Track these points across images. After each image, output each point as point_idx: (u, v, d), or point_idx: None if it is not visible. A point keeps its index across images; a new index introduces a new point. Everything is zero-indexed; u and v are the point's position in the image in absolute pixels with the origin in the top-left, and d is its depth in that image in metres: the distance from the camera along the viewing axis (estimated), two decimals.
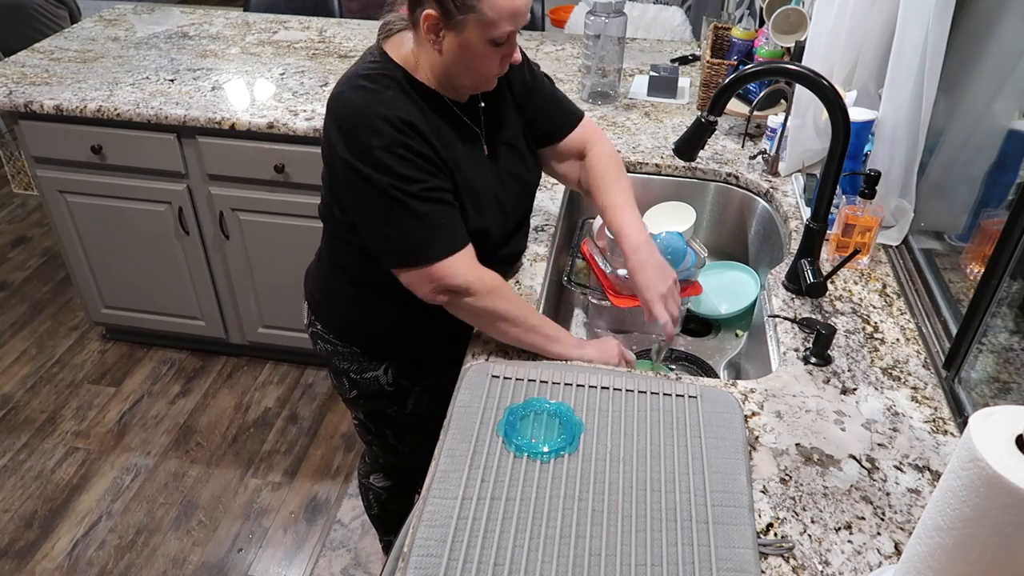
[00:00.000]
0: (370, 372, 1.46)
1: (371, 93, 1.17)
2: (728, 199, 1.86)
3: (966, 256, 1.36)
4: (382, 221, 1.19)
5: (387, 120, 1.15)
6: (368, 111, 1.16)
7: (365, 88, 1.18)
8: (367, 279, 1.35)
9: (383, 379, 1.46)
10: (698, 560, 0.95)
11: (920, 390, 1.24)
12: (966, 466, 0.69)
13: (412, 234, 1.19)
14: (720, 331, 1.67)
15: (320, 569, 2.07)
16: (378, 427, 1.58)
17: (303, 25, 2.73)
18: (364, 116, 1.16)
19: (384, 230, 1.20)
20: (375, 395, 1.49)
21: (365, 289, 1.37)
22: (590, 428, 1.13)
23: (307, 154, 2.12)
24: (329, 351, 1.47)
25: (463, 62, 1.17)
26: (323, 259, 1.44)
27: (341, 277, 1.40)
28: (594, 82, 2.16)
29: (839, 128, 1.28)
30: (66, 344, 2.80)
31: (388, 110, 1.16)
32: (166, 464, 2.36)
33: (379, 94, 1.17)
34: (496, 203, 1.32)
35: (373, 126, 1.15)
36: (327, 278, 1.43)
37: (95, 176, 2.29)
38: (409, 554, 0.96)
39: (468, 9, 1.10)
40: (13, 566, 2.07)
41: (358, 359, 1.45)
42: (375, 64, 1.22)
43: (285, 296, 2.42)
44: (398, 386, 1.47)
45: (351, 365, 1.46)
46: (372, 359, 1.45)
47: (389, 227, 1.19)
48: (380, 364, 1.45)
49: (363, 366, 1.45)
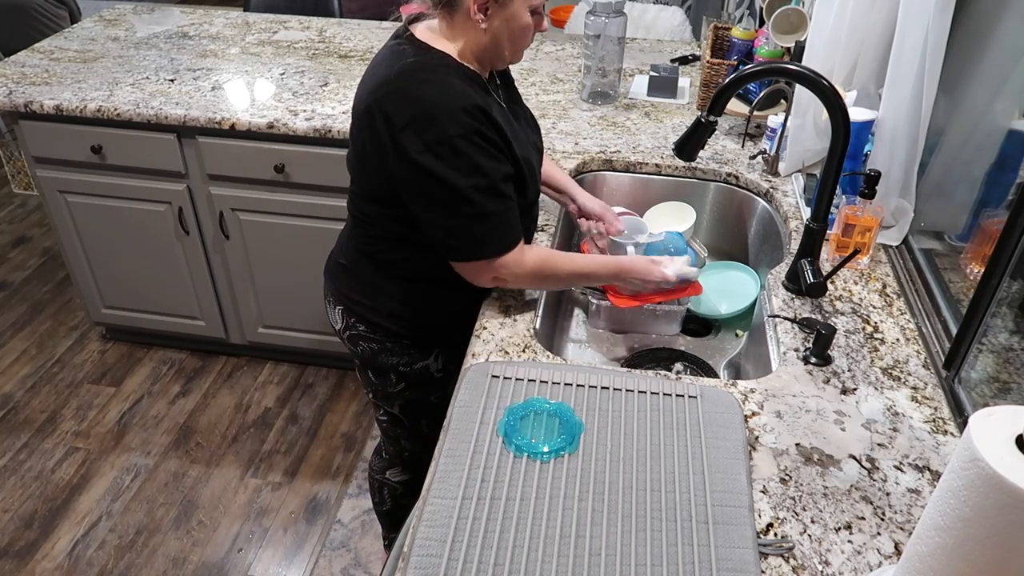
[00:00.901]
0: (420, 362, 1.47)
1: (439, 86, 1.19)
2: (728, 199, 1.86)
3: (966, 256, 1.36)
4: (449, 215, 1.24)
5: (465, 110, 1.18)
6: (444, 103, 1.18)
7: (430, 81, 1.20)
8: (421, 273, 1.38)
9: (433, 366, 1.48)
10: (698, 560, 0.95)
11: (920, 390, 1.24)
12: (966, 466, 0.69)
13: (476, 230, 1.25)
14: (720, 331, 1.67)
15: (320, 569, 2.07)
16: (413, 418, 1.59)
17: (303, 25, 2.73)
18: (441, 108, 1.18)
19: (449, 223, 1.25)
20: (423, 384, 1.51)
21: (419, 283, 1.40)
22: (590, 428, 1.13)
23: (307, 154, 2.12)
24: (375, 350, 1.47)
25: (509, 35, 1.24)
26: (357, 260, 1.44)
27: (388, 275, 1.41)
28: (594, 82, 2.16)
29: (839, 128, 1.28)
30: (66, 344, 2.80)
31: (463, 100, 1.19)
32: (166, 464, 2.36)
33: (446, 84, 1.20)
34: (535, 170, 1.40)
35: (453, 116, 1.18)
36: (369, 279, 1.43)
37: (95, 176, 2.29)
38: (409, 554, 0.96)
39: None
40: (13, 566, 2.07)
41: (408, 351, 1.46)
42: (422, 56, 1.23)
43: (285, 296, 2.42)
44: (446, 371, 1.50)
45: (400, 359, 1.47)
46: (423, 349, 1.47)
47: (455, 220, 1.24)
48: (431, 352, 1.47)
49: (413, 357, 1.47)
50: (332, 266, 1.50)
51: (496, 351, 1.30)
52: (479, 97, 1.22)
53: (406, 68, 1.22)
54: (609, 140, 1.97)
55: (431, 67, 1.21)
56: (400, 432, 1.65)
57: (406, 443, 1.68)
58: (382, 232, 1.37)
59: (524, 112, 1.46)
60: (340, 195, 2.16)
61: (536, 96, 2.23)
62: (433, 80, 1.20)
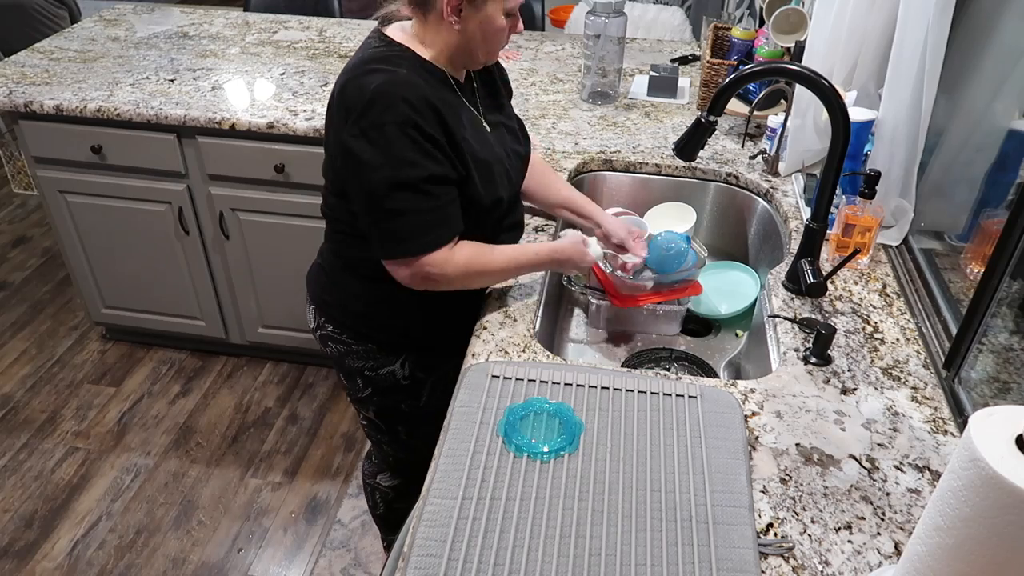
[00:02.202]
0: (386, 367, 1.46)
1: (385, 74, 1.19)
2: (728, 199, 1.86)
3: (966, 256, 1.36)
4: (369, 208, 1.23)
5: (406, 99, 1.17)
6: (385, 90, 1.17)
7: (378, 70, 1.20)
8: (383, 274, 1.35)
9: (399, 372, 1.47)
10: (698, 560, 0.95)
11: (920, 390, 1.24)
12: (966, 466, 0.69)
13: (394, 226, 1.23)
14: (720, 331, 1.67)
15: (320, 569, 2.07)
16: (390, 424, 1.58)
17: (303, 25, 2.73)
18: (382, 95, 1.17)
19: (369, 217, 1.24)
20: (390, 390, 1.49)
21: (381, 284, 1.36)
22: (590, 428, 1.13)
23: (307, 154, 2.12)
24: (342, 351, 1.47)
25: (481, 37, 1.23)
26: (330, 260, 1.44)
27: (354, 275, 1.40)
28: (594, 82, 2.16)
29: (839, 128, 1.28)
30: (66, 344, 2.80)
31: (408, 90, 1.18)
32: (166, 464, 2.36)
33: (394, 74, 1.19)
34: (505, 174, 1.37)
35: (390, 104, 1.17)
36: (337, 278, 1.43)
37: (95, 176, 2.29)
38: (409, 554, 0.96)
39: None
40: (13, 566, 2.07)
41: (373, 355, 1.45)
42: (381, 48, 1.24)
43: (285, 296, 2.42)
44: (414, 378, 1.48)
45: (366, 363, 1.46)
46: (388, 353, 1.45)
47: (373, 214, 1.23)
48: (397, 358, 1.46)
49: (379, 362, 1.46)
50: (312, 266, 1.51)
51: (496, 351, 1.30)
52: (431, 91, 1.21)
53: (359, 60, 1.24)
54: (609, 140, 1.97)
55: (386, 58, 1.22)
56: (381, 437, 1.64)
57: (388, 448, 1.68)
58: (347, 228, 1.36)
59: (507, 121, 1.44)
60: None
61: (536, 96, 2.23)
62: (382, 69, 1.20)
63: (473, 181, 1.28)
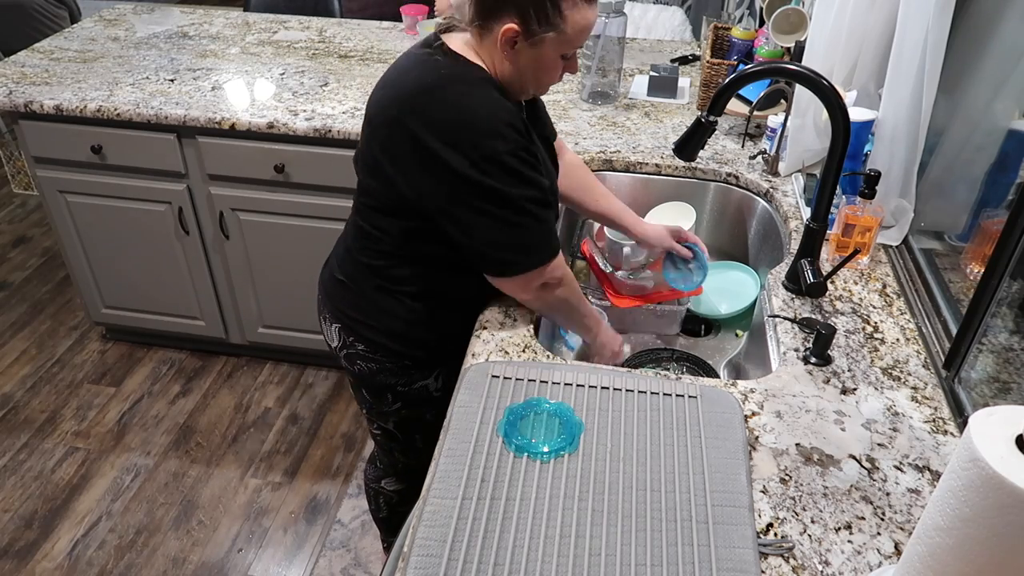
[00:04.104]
0: (420, 382, 1.44)
1: (480, 98, 1.16)
2: (728, 199, 1.86)
3: (966, 256, 1.36)
4: (499, 227, 1.21)
5: (511, 125, 1.16)
6: (488, 116, 1.15)
7: (469, 93, 1.16)
8: (428, 291, 1.34)
9: (432, 385, 1.45)
10: (698, 560, 0.95)
11: (920, 390, 1.24)
12: (966, 466, 0.69)
13: (528, 239, 1.24)
14: (720, 331, 1.67)
15: (320, 569, 2.07)
16: (408, 434, 1.55)
17: (303, 25, 2.73)
18: (486, 121, 1.14)
19: (499, 236, 1.22)
20: (420, 403, 1.47)
21: (425, 301, 1.35)
22: (590, 428, 1.13)
23: (307, 154, 2.12)
24: (374, 369, 1.42)
25: (533, 74, 1.20)
26: (362, 276, 1.38)
27: (391, 294, 1.35)
28: (594, 82, 2.16)
29: (839, 128, 1.28)
30: (66, 344, 2.80)
31: (506, 114, 1.16)
32: (166, 464, 2.36)
33: (490, 98, 1.16)
34: (554, 192, 1.36)
35: (498, 132, 1.15)
36: (371, 296, 1.37)
37: (95, 176, 2.29)
38: (409, 554, 0.96)
39: (551, 27, 1.12)
40: (13, 566, 2.07)
41: (408, 372, 1.42)
42: (460, 67, 1.19)
43: (285, 296, 2.42)
44: (446, 390, 1.46)
45: (399, 379, 1.43)
46: (423, 368, 1.42)
47: (506, 232, 1.21)
48: (431, 372, 1.43)
49: (413, 377, 1.43)
50: (328, 281, 1.44)
51: (496, 351, 1.29)
52: (518, 112, 1.20)
53: (444, 77, 1.17)
54: (609, 140, 1.97)
55: (470, 80, 1.17)
56: (394, 446, 1.61)
57: (400, 456, 1.65)
58: (392, 247, 1.31)
59: (545, 132, 1.42)
60: (340, 195, 2.16)
61: None
62: (474, 93, 1.16)
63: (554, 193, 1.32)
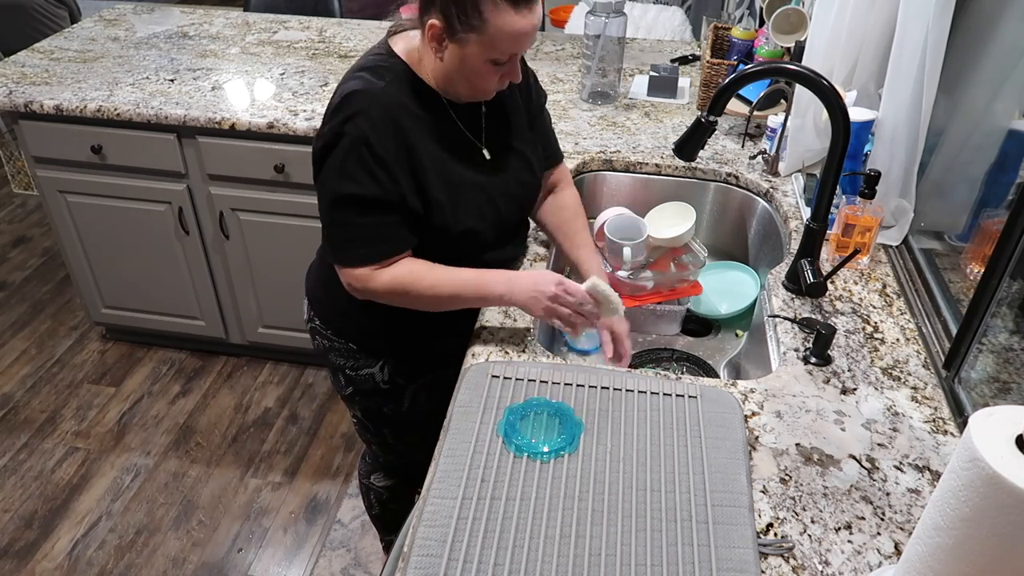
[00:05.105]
0: (365, 369, 1.46)
1: (363, 82, 1.20)
2: (728, 199, 1.86)
3: (966, 256, 1.36)
4: (323, 212, 1.26)
5: (365, 113, 1.17)
6: (352, 100, 1.18)
7: (362, 78, 1.21)
8: None
9: (378, 376, 1.47)
10: (698, 560, 0.95)
11: (920, 390, 1.24)
12: (966, 466, 0.69)
13: (330, 232, 1.26)
14: (720, 331, 1.67)
15: (320, 569, 2.07)
16: (376, 425, 1.59)
17: (303, 25, 2.73)
18: (348, 103, 1.18)
19: (322, 220, 1.27)
20: (370, 392, 1.50)
21: None
22: (590, 428, 1.13)
23: (307, 154, 2.09)
24: (326, 347, 1.48)
25: (462, 74, 1.19)
26: (323, 256, 1.45)
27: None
28: (594, 82, 2.16)
29: (839, 128, 1.28)
30: (66, 344, 2.80)
31: (370, 101, 1.18)
32: (166, 464, 2.36)
33: (370, 84, 1.20)
34: (489, 204, 1.32)
35: (351, 114, 1.17)
36: (326, 275, 1.42)
37: (95, 176, 2.29)
38: (409, 554, 0.96)
39: (471, 28, 1.11)
40: (13, 566, 2.07)
41: (354, 355, 1.46)
42: (378, 57, 1.25)
43: (285, 296, 2.42)
44: (393, 384, 1.48)
45: (347, 361, 1.47)
46: (368, 356, 1.45)
47: (324, 216, 1.26)
48: (376, 361, 1.45)
49: (359, 363, 1.46)
50: (312, 262, 1.53)
51: (496, 351, 1.29)
52: (405, 108, 1.20)
53: (356, 65, 1.25)
54: (609, 140, 1.97)
55: (375, 68, 1.22)
56: (370, 437, 1.65)
57: (376, 449, 1.69)
58: None
59: (521, 146, 1.36)
60: None
61: None
62: (363, 78, 1.21)
63: (435, 206, 1.24)
